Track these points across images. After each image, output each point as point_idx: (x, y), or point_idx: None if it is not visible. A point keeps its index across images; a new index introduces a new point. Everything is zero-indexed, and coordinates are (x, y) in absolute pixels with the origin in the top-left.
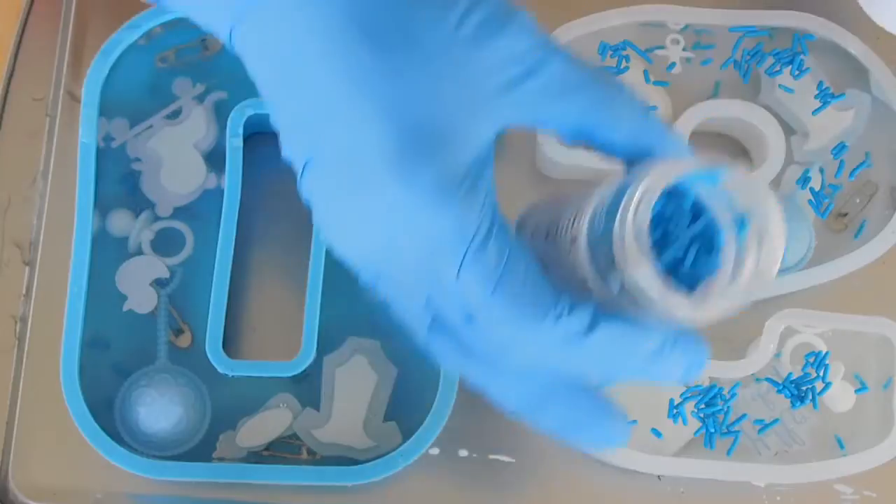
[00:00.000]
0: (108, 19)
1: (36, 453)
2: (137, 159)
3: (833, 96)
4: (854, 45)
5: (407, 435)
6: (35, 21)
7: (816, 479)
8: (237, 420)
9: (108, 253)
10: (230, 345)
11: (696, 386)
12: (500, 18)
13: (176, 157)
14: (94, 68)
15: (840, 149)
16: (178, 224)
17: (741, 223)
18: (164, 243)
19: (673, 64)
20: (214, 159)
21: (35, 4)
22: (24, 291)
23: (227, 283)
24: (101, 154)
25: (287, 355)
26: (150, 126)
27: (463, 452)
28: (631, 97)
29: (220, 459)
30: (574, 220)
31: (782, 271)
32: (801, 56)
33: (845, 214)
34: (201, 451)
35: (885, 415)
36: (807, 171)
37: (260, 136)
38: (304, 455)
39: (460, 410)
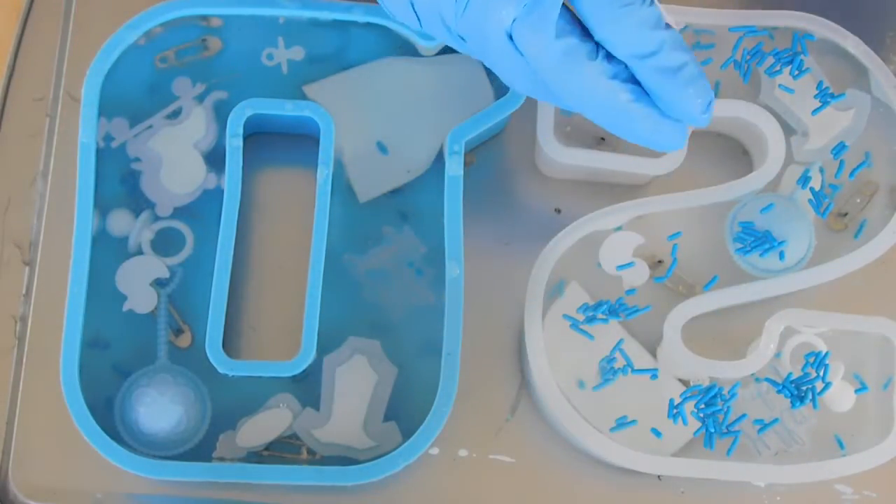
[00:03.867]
0: (108, 19)
1: (36, 453)
2: (137, 159)
3: (833, 96)
4: (854, 45)
5: (407, 435)
6: (35, 21)
7: (816, 479)
8: (237, 420)
9: (108, 253)
10: (230, 345)
11: (696, 386)
12: None
13: (176, 157)
14: (94, 68)
15: (840, 149)
16: (178, 224)
17: None
18: (164, 243)
19: None
20: (214, 159)
21: (35, 4)
22: (24, 291)
23: (227, 283)
24: (101, 154)
25: (287, 355)
26: (150, 126)
27: (463, 452)
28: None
29: (220, 459)
30: None
31: (782, 271)
32: (801, 56)
33: (845, 214)
34: (201, 451)
35: (885, 415)
36: (807, 170)
37: (260, 136)
38: (304, 455)
39: (460, 410)
